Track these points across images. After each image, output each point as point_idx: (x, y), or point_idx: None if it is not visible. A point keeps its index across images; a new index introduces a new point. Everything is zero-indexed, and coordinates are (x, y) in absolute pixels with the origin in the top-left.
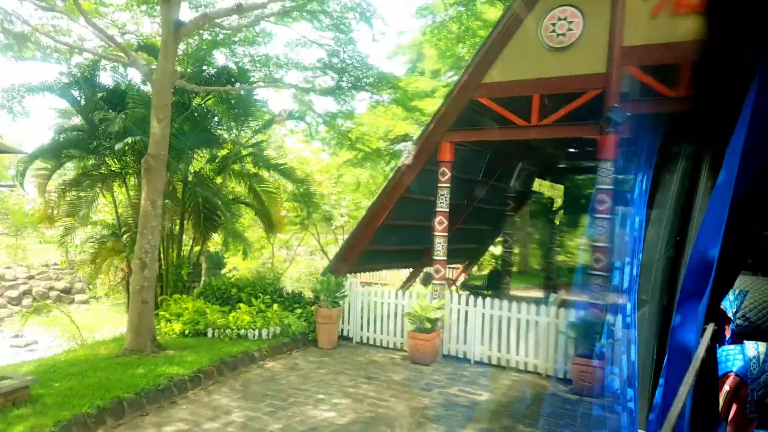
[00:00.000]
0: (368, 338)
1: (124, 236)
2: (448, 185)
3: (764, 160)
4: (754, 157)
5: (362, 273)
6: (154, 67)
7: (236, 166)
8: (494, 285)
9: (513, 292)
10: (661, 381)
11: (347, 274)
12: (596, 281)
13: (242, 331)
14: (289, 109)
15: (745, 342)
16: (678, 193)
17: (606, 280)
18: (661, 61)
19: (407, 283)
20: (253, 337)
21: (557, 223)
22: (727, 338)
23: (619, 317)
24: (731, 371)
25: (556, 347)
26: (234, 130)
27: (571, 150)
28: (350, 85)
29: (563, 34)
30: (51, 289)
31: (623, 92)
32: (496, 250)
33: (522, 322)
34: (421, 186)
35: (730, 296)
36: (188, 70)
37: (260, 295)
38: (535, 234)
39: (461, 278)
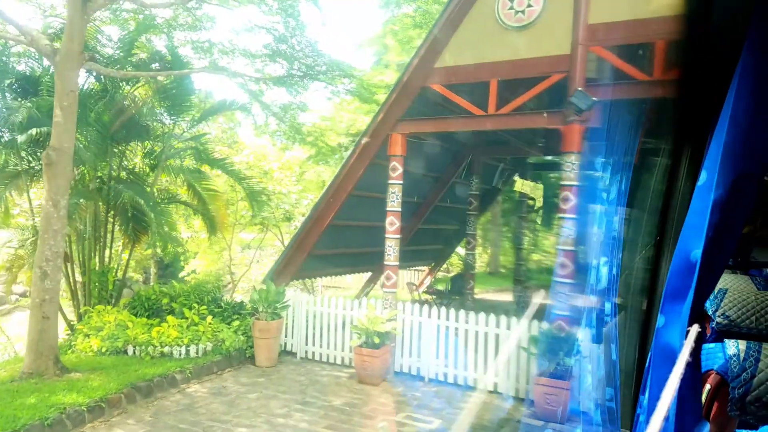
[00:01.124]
0: (314, 353)
1: (27, 242)
2: (400, 182)
3: (747, 158)
4: (736, 154)
5: (322, 278)
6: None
7: (174, 162)
8: (458, 289)
9: (482, 296)
10: (647, 382)
11: (296, 280)
12: (562, 289)
13: (167, 349)
14: (230, 100)
15: (726, 340)
16: (658, 191)
17: (573, 288)
18: (632, 40)
19: (365, 289)
20: (180, 355)
21: (535, 222)
22: (708, 336)
23: (588, 330)
24: (712, 369)
25: (518, 364)
26: (169, 122)
27: (540, 144)
28: (302, 73)
29: (522, 12)
30: (11, 292)
31: (590, 77)
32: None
33: (481, 335)
34: (375, 183)
35: (710, 295)
36: (116, 54)
37: (195, 305)
38: (508, 233)
39: (427, 281)
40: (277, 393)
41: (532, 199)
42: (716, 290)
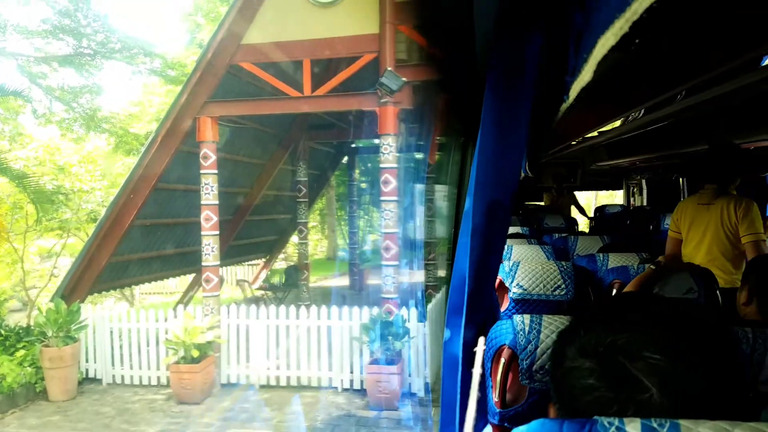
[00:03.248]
0: (123, 377)
1: None
2: (214, 171)
3: (496, 187)
4: (486, 182)
5: (139, 285)
6: None
7: None
8: (293, 281)
9: (320, 283)
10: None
11: (98, 293)
12: (388, 272)
13: None
14: None
15: (514, 316)
16: (455, 173)
17: (397, 270)
18: (435, 18)
19: (188, 294)
20: None
21: (369, 205)
22: (507, 307)
23: (414, 310)
24: (504, 344)
25: (351, 355)
26: None
27: (367, 127)
28: (92, 51)
29: None
30: None
31: (402, 57)
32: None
33: (313, 329)
34: (187, 173)
35: (506, 268)
36: None
37: None
38: (345, 218)
39: (263, 275)
40: None
41: (364, 182)
42: (512, 263)
